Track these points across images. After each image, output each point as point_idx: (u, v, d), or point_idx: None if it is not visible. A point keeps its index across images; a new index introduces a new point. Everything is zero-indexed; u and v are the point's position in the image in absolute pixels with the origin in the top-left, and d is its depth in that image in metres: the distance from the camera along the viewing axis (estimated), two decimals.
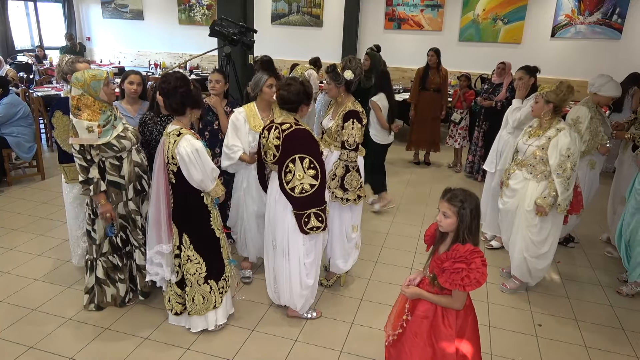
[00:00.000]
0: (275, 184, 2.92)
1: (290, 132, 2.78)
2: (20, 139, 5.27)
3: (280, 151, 2.79)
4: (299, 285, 3.00)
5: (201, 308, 2.90)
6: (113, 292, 3.14)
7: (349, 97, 3.28)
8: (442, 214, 2.05)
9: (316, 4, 9.94)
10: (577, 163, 3.20)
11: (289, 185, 2.79)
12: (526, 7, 8.42)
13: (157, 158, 2.73)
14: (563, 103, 3.25)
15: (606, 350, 2.98)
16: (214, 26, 4.76)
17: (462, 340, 2.10)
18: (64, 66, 3.36)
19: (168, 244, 2.79)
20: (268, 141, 2.86)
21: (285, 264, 2.98)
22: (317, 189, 2.81)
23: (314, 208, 2.84)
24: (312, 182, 2.79)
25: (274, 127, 2.86)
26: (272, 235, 3.01)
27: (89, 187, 2.84)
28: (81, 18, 12.17)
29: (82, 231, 3.45)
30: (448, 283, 1.98)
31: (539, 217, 3.29)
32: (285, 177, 2.80)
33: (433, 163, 6.79)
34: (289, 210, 2.87)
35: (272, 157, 2.85)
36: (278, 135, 2.80)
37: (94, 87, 2.78)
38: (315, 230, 2.86)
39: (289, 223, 2.89)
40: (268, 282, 3.18)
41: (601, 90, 3.90)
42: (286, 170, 2.79)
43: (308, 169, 2.78)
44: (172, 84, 2.66)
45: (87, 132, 2.75)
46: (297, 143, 2.79)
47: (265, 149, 2.90)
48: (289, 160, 2.78)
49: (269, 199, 3.01)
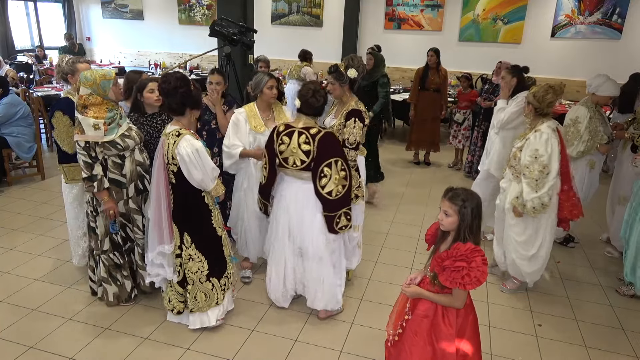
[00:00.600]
0: (293, 191, 2.92)
1: (323, 137, 2.78)
2: (20, 139, 5.27)
3: (315, 156, 2.77)
4: (332, 284, 3.03)
5: (203, 305, 2.90)
6: (115, 291, 3.14)
7: (353, 97, 3.29)
8: (443, 213, 2.06)
9: (316, 4, 9.95)
10: (551, 169, 3.10)
11: (325, 190, 2.79)
12: (526, 7, 8.42)
13: (157, 159, 2.73)
14: (544, 106, 3.17)
15: (606, 350, 2.98)
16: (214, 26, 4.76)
17: (462, 339, 2.11)
18: (64, 66, 3.37)
19: (170, 244, 2.79)
20: (291, 147, 2.81)
21: (317, 268, 2.99)
22: (347, 189, 2.85)
23: (344, 208, 2.87)
24: (343, 184, 2.82)
25: (297, 131, 2.82)
26: (297, 243, 2.99)
27: (93, 184, 2.84)
28: (81, 18, 12.17)
29: (82, 231, 3.45)
30: (448, 281, 1.98)
31: (517, 218, 3.31)
32: (320, 181, 2.79)
33: (433, 163, 6.79)
34: (319, 213, 2.89)
35: (298, 162, 2.81)
36: (307, 141, 2.77)
37: (103, 87, 2.80)
38: (344, 229, 2.90)
39: (319, 226, 2.91)
40: (279, 288, 3.14)
41: (599, 91, 3.92)
42: (321, 174, 2.78)
43: (340, 171, 2.80)
44: (172, 84, 2.66)
45: (93, 129, 2.77)
46: (331, 147, 2.79)
47: (286, 155, 2.85)
48: (325, 164, 2.77)
49: (285, 207, 2.97)
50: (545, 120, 3.23)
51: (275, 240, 3.09)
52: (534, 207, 3.15)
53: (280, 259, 3.08)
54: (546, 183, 3.10)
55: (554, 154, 3.11)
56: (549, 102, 3.17)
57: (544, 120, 3.23)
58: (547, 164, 3.09)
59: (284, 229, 3.01)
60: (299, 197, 2.92)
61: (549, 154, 3.10)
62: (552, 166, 3.11)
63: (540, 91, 3.18)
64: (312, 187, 2.86)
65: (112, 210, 2.93)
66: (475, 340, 2.15)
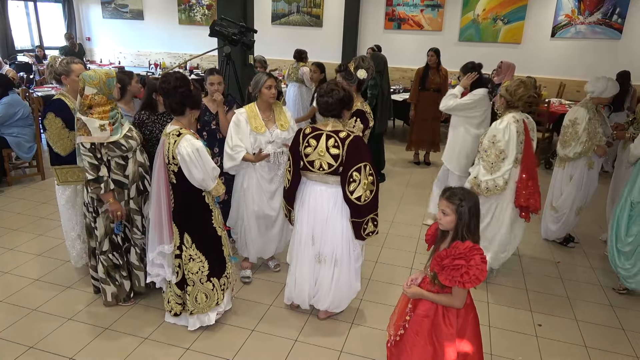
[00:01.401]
0: (318, 195, 2.84)
1: (353, 141, 2.70)
2: (20, 139, 5.27)
3: (345, 160, 2.70)
4: (350, 290, 3.01)
5: (204, 306, 2.90)
6: (113, 291, 3.14)
7: (359, 97, 3.29)
8: (441, 212, 2.08)
9: (316, 4, 9.95)
10: (507, 154, 3.28)
11: (354, 195, 2.72)
12: (526, 7, 8.42)
13: (157, 159, 2.73)
14: (515, 99, 3.32)
15: (606, 350, 2.98)
16: (214, 26, 4.76)
17: (462, 339, 2.11)
18: (57, 67, 3.32)
19: (170, 244, 2.79)
20: (318, 150, 2.75)
21: (331, 273, 2.95)
22: (375, 194, 2.78)
23: (372, 213, 2.81)
24: (371, 189, 2.75)
25: (325, 134, 2.75)
26: (317, 249, 2.93)
27: (100, 186, 2.84)
28: (81, 18, 12.17)
29: (75, 233, 3.43)
30: (448, 280, 1.98)
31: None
32: (349, 186, 2.72)
33: (433, 163, 6.79)
34: (345, 218, 2.84)
35: (325, 166, 2.74)
36: (336, 144, 2.71)
37: (109, 85, 2.80)
38: (371, 235, 2.86)
39: (344, 231, 2.86)
40: (298, 294, 3.09)
41: (604, 94, 3.90)
42: (350, 179, 2.71)
43: (369, 176, 2.73)
44: (172, 84, 2.66)
45: (99, 130, 2.77)
46: (360, 151, 2.72)
47: (312, 159, 2.77)
48: (354, 169, 2.69)
49: (309, 212, 2.89)
50: (513, 111, 3.37)
51: (299, 245, 3.00)
52: (487, 188, 3.31)
53: (304, 265, 3.01)
54: (502, 167, 3.27)
55: (512, 140, 3.27)
56: (520, 96, 3.32)
57: (512, 112, 3.38)
58: (504, 150, 3.26)
59: (308, 233, 2.93)
60: (323, 202, 2.85)
61: (506, 140, 3.26)
62: (509, 152, 3.27)
63: (512, 85, 3.36)
64: (337, 191, 2.81)
65: (120, 212, 2.93)
66: (476, 340, 2.15)
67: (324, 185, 2.84)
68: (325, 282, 2.99)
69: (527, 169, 3.38)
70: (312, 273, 3.01)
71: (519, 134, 3.31)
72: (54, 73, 3.36)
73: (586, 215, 4.39)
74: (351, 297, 3.10)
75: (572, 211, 4.18)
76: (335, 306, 3.08)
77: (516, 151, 3.30)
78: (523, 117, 3.41)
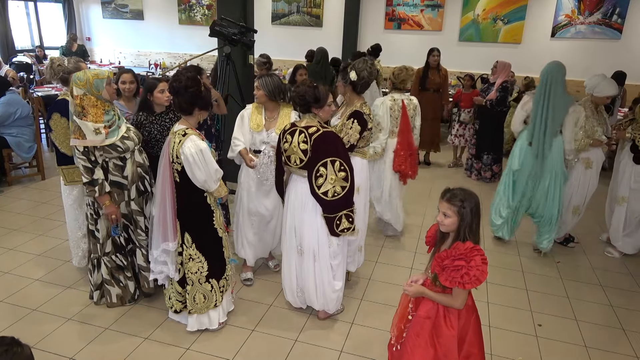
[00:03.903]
0: (298, 189, 2.91)
1: (320, 136, 2.75)
2: (20, 139, 5.27)
3: (310, 155, 2.75)
4: (330, 289, 3.00)
5: (202, 307, 2.90)
6: (118, 292, 3.14)
7: (359, 98, 3.30)
8: (442, 214, 2.05)
9: (316, 4, 9.94)
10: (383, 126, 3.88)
11: (321, 190, 2.75)
12: (526, 7, 8.42)
13: (163, 157, 2.73)
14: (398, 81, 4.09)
15: (606, 350, 2.98)
16: (214, 26, 4.75)
17: (464, 340, 2.10)
18: (68, 65, 3.33)
19: (174, 242, 2.79)
20: (292, 145, 2.81)
21: (312, 268, 2.97)
22: (347, 191, 2.78)
23: (345, 210, 2.81)
24: (343, 185, 2.76)
25: (298, 130, 2.81)
26: (298, 241, 2.98)
27: (94, 189, 2.83)
28: (81, 18, 12.16)
29: (82, 233, 3.44)
30: (448, 281, 1.98)
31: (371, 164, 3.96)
32: (316, 181, 2.76)
33: (433, 163, 6.79)
34: (319, 213, 2.85)
35: (298, 161, 2.81)
36: (305, 140, 2.76)
37: (96, 86, 2.76)
38: (346, 232, 2.85)
39: (319, 227, 2.87)
40: (289, 287, 3.14)
41: (595, 91, 3.92)
42: (317, 174, 2.75)
43: (339, 172, 2.75)
44: (183, 82, 2.64)
45: (94, 134, 2.74)
46: (327, 146, 2.75)
47: (289, 154, 2.84)
48: (320, 164, 2.73)
49: (291, 205, 2.97)
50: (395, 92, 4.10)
51: (284, 235, 3.08)
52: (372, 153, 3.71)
53: (290, 259, 3.07)
54: (380, 137, 3.84)
55: (385, 115, 3.92)
56: (402, 80, 4.11)
57: (395, 93, 4.09)
58: (380, 122, 3.90)
59: (291, 226, 3.00)
60: (303, 195, 2.89)
61: (381, 115, 3.91)
62: (383, 124, 3.91)
63: (396, 70, 4.14)
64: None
65: (114, 215, 2.92)
66: (477, 342, 2.15)
67: (303, 179, 2.89)
68: (309, 276, 3.00)
69: (402, 141, 4.06)
70: (294, 264, 3.06)
71: (392, 110, 3.97)
72: (61, 72, 3.34)
73: (586, 215, 4.39)
74: (333, 296, 3.04)
75: (568, 211, 4.18)
76: (330, 306, 3.08)
77: (391, 125, 3.96)
78: (404, 97, 4.08)
